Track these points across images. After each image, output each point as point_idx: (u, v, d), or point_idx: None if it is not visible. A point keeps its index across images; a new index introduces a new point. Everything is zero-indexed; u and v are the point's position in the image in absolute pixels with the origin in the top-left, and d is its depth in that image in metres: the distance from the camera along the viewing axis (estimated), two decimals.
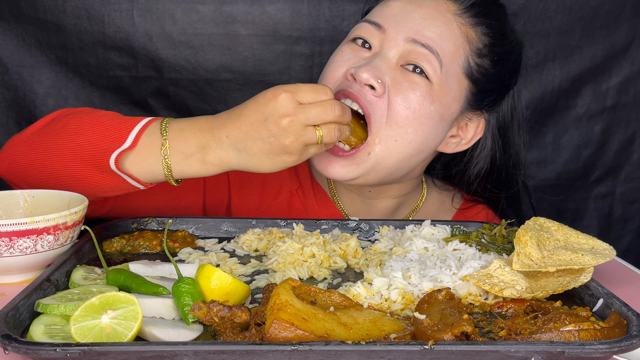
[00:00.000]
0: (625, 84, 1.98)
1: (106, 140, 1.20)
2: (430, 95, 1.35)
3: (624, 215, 2.09)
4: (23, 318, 0.91)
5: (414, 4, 1.38)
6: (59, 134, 1.24)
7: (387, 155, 1.35)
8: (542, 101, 1.96)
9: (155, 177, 1.22)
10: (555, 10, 1.89)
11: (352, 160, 1.35)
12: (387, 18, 1.38)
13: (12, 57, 1.81)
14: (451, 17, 1.38)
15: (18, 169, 1.29)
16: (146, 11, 1.80)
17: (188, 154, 1.18)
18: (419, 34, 1.35)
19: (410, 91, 1.33)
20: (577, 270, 1.05)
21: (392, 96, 1.33)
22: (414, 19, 1.36)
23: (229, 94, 1.89)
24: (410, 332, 0.89)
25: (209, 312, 0.88)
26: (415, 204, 1.59)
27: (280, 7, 1.83)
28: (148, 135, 1.20)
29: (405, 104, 1.33)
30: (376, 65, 1.33)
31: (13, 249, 1.10)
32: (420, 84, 1.34)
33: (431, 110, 1.36)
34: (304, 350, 0.80)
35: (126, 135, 1.19)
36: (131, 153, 1.19)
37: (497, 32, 1.42)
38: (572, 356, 0.82)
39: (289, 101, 1.13)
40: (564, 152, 2.02)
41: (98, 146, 1.20)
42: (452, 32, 1.37)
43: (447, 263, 1.10)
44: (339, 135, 1.17)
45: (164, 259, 1.19)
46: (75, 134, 1.23)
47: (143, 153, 1.20)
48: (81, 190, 1.24)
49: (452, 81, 1.38)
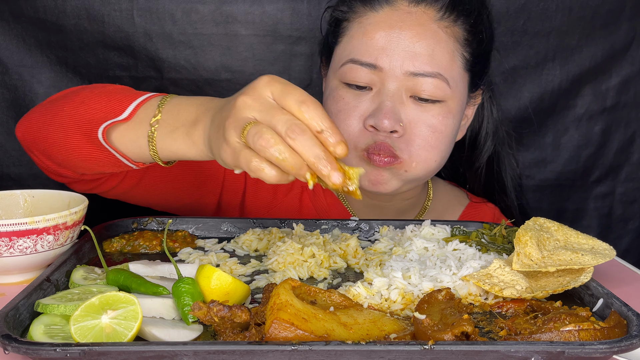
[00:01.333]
0: (625, 84, 1.98)
1: (105, 110, 1.14)
2: (449, 111, 1.37)
3: (624, 215, 2.09)
4: (23, 318, 0.91)
5: (396, 28, 1.34)
6: (67, 102, 1.21)
7: (427, 173, 1.41)
8: (542, 101, 1.96)
9: (142, 152, 1.12)
10: (555, 10, 1.89)
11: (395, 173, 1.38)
12: (377, 55, 1.33)
13: (12, 57, 1.81)
14: (435, 26, 1.35)
15: (31, 136, 1.26)
16: (146, 11, 1.80)
17: (175, 127, 1.06)
18: (414, 64, 1.33)
19: (431, 118, 1.35)
20: (577, 270, 1.05)
21: (415, 130, 1.34)
22: (403, 47, 1.33)
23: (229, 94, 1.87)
24: (410, 332, 0.89)
25: (209, 312, 0.88)
26: (424, 203, 1.60)
27: (280, 7, 1.83)
28: (145, 108, 1.11)
29: (430, 130, 1.35)
30: (391, 109, 1.32)
31: (13, 249, 1.10)
32: (436, 109, 1.36)
33: (453, 123, 1.39)
34: (304, 350, 0.80)
35: (125, 107, 1.12)
36: (122, 125, 1.12)
37: (474, 14, 1.40)
38: (572, 356, 0.82)
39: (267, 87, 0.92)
40: (564, 152, 2.02)
41: (95, 115, 1.14)
42: (442, 42, 1.35)
43: (447, 263, 1.10)
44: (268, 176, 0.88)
45: (164, 259, 1.19)
46: (80, 103, 1.19)
47: (133, 126, 1.12)
48: (78, 160, 1.20)
49: (460, 85, 1.39)
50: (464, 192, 1.68)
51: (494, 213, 1.63)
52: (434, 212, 1.61)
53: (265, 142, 0.86)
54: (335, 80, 1.39)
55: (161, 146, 1.09)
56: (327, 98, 1.42)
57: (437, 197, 1.63)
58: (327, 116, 0.88)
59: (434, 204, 1.62)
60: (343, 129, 1.37)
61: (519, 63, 1.93)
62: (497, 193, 1.66)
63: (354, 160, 1.39)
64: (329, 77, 1.44)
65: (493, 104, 1.57)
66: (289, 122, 0.87)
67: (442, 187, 1.67)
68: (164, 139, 1.08)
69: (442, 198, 1.64)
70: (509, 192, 1.65)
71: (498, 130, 1.60)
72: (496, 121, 1.59)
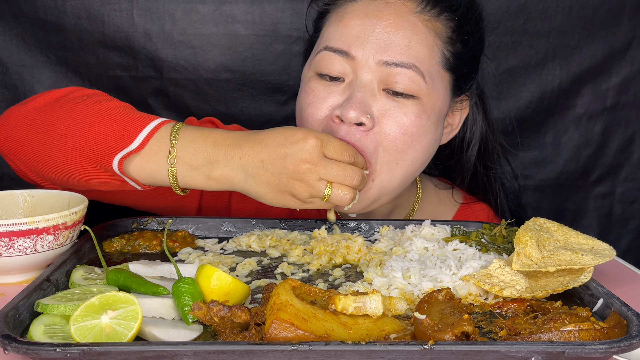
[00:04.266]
0: (625, 84, 1.98)
1: (112, 137, 1.15)
2: (424, 111, 1.29)
3: (624, 215, 2.09)
4: (23, 318, 0.91)
5: (372, 16, 1.29)
6: (63, 118, 1.19)
7: (391, 178, 1.31)
8: (542, 101, 1.97)
9: (155, 181, 1.19)
10: (555, 10, 1.89)
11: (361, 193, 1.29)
12: (351, 42, 1.28)
13: (12, 57, 1.81)
14: (414, 18, 1.29)
15: (14, 145, 1.23)
16: (146, 11, 1.80)
17: (194, 166, 1.15)
18: (389, 53, 1.26)
19: (403, 116, 1.27)
20: (577, 270, 1.05)
21: (384, 125, 1.27)
22: (378, 36, 1.27)
23: (228, 93, 1.89)
24: (411, 332, 0.89)
25: (208, 312, 0.87)
26: (412, 205, 1.57)
27: (280, 7, 1.83)
28: (157, 140, 1.16)
29: (401, 130, 1.27)
30: (360, 100, 1.25)
31: (13, 249, 1.10)
32: (409, 106, 1.28)
33: (428, 125, 1.31)
34: (304, 350, 0.80)
35: (134, 136, 1.14)
36: (136, 156, 1.16)
37: (459, 11, 1.34)
38: (572, 356, 0.82)
39: (316, 150, 1.12)
40: (564, 152, 2.02)
41: (102, 142, 1.15)
42: (420, 35, 1.29)
43: (447, 263, 1.10)
44: (347, 200, 1.16)
45: (164, 259, 1.19)
46: (81, 123, 1.18)
47: (148, 157, 1.16)
48: (75, 180, 1.21)
49: (437, 83, 1.32)
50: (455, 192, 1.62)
51: (488, 215, 1.61)
52: (422, 215, 1.56)
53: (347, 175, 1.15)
54: (310, 71, 1.35)
55: (181, 181, 1.18)
56: (300, 91, 1.38)
57: (425, 199, 1.58)
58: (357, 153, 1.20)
59: (423, 205, 1.57)
60: (309, 123, 1.32)
61: (519, 63, 1.93)
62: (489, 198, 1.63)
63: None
64: (305, 69, 1.39)
65: (478, 112, 1.49)
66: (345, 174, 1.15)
67: (431, 189, 1.61)
68: (184, 177, 1.17)
69: (431, 201, 1.59)
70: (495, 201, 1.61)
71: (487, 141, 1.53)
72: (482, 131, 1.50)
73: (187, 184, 1.18)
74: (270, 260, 1.22)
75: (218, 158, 1.14)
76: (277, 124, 1.88)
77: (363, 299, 0.89)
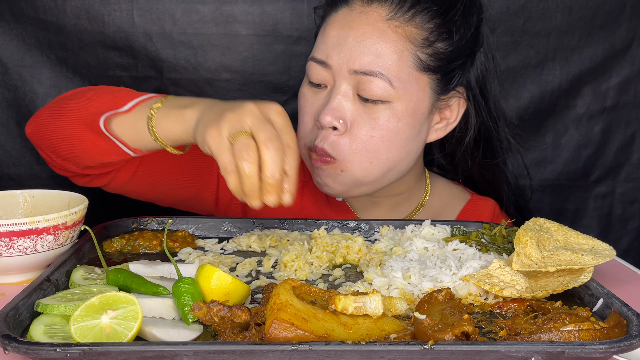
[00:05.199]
0: (625, 84, 1.98)
1: (108, 103, 1.26)
2: (394, 114, 1.35)
3: (624, 215, 2.09)
4: (23, 318, 0.91)
5: (346, 27, 1.36)
6: (73, 100, 1.32)
7: (366, 174, 1.38)
8: (542, 101, 1.96)
9: (141, 138, 1.24)
10: (555, 10, 1.89)
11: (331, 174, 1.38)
12: (328, 51, 1.36)
13: (12, 57, 1.81)
14: (384, 26, 1.34)
15: (39, 132, 1.36)
16: (146, 11, 1.80)
17: (171, 109, 1.20)
18: (357, 62, 1.33)
19: (373, 121, 1.34)
20: (577, 270, 1.06)
21: (355, 130, 1.34)
22: (349, 46, 1.34)
23: (228, 94, 1.89)
24: (411, 332, 0.89)
25: (209, 312, 0.88)
26: (421, 199, 1.60)
27: (280, 7, 1.83)
28: (147, 103, 1.24)
29: (370, 133, 1.34)
30: (335, 106, 1.34)
31: (13, 249, 1.10)
32: (379, 110, 1.34)
33: (400, 127, 1.36)
34: (304, 350, 0.80)
35: (127, 102, 1.25)
36: (122, 116, 1.24)
37: (438, 11, 1.36)
38: (572, 356, 0.82)
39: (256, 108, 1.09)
40: (564, 152, 2.02)
41: (98, 109, 1.26)
42: (388, 42, 1.33)
43: (447, 263, 1.10)
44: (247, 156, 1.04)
45: (164, 259, 1.19)
46: (86, 100, 1.30)
47: (133, 115, 1.24)
48: (81, 151, 1.30)
49: (409, 86, 1.35)
50: (464, 189, 1.67)
51: (493, 209, 1.63)
52: (432, 207, 1.60)
53: (246, 155, 1.04)
54: (305, 77, 1.45)
55: (159, 127, 1.21)
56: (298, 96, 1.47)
57: (435, 193, 1.62)
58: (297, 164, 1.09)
59: (432, 199, 1.61)
60: (300, 127, 1.43)
61: (519, 63, 1.93)
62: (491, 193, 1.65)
63: (305, 159, 1.44)
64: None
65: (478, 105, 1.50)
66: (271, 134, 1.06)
67: (441, 184, 1.66)
68: (161, 121, 1.21)
69: (441, 194, 1.63)
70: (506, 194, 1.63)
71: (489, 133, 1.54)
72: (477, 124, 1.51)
73: (165, 129, 1.21)
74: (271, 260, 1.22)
75: (196, 102, 1.20)
76: None
77: (363, 299, 0.89)
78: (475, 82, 1.46)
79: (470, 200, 1.63)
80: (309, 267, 1.17)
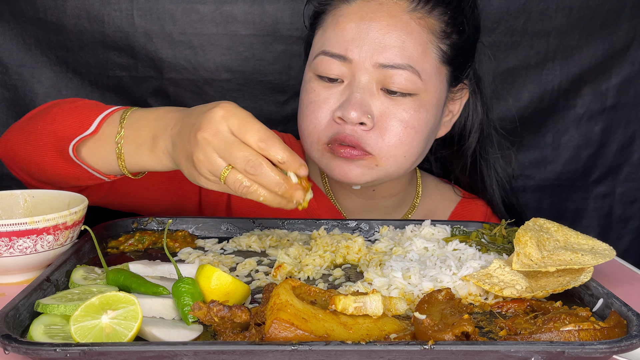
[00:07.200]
0: (625, 84, 1.98)
1: (73, 126, 1.20)
2: (422, 106, 1.34)
3: (624, 215, 2.09)
4: (23, 318, 0.91)
5: (366, 19, 1.32)
6: (41, 120, 1.26)
7: (398, 168, 1.38)
8: (542, 101, 1.96)
9: (112, 167, 1.19)
10: (555, 10, 1.89)
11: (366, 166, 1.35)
12: (347, 46, 1.32)
13: (12, 57, 1.81)
14: (407, 17, 1.33)
15: (11, 153, 1.31)
16: (146, 11, 1.80)
17: (139, 143, 1.13)
18: (384, 56, 1.31)
19: (403, 112, 1.33)
20: (577, 270, 1.06)
21: (385, 124, 1.32)
22: (373, 39, 1.31)
23: (228, 94, 1.89)
24: (411, 332, 0.89)
25: (209, 312, 0.88)
26: (413, 201, 1.59)
27: (280, 7, 1.83)
28: (109, 123, 1.18)
29: (402, 125, 1.33)
30: (359, 101, 1.31)
31: (13, 249, 1.10)
32: (408, 103, 1.33)
33: (428, 118, 1.36)
34: (304, 350, 0.80)
35: (91, 122, 1.18)
36: (90, 140, 1.18)
37: (452, 4, 1.37)
38: (572, 356, 0.82)
39: (218, 121, 0.99)
40: (564, 152, 2.02)
41: (65, 132, 1.20)
42: (414, 34, 1.32)
43: (447, 263, 1.10)
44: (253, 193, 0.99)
45: (164, 259, 1.19)
46: (52, 121, 1.23)
47: (100, 142, 1.18)
48: (52, 176, 1.25)
49: (434, 78, 1.36)
50: (455, 188, 1.66)
51: (485, 211, 1.63)
52: (424, 209, 1.60)
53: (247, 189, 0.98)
54: (310, 72, 1.40)
55: (129, 162, 1.16)
56: (301, 90, 1.42)
57: (426, 194, 1.62)
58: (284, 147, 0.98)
59: (424, 201, 1.61)
60: (311, 121, 1.37)
61: (519, 63, 1.93)
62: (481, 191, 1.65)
63: (317, 154, 1.39)
64: (305, 69, 1.43)
65: (478, 99, 1.53)
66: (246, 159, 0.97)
67: (432, 184, 1.65)
68: (132, 156, 1.15)
69: (432, 195, 1.63)
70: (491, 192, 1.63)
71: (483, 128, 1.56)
72: (480, 118, 1.54)
73: (137, 164, 1.16)
74: (270, 260, 1.22)
75: (158, 132, 1.11)
76: (277, 124, 1.89)
77: (363, 299, 0.89)
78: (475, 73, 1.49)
79: (460, 202, 1.63)
80: (309, 267, 1.17)
